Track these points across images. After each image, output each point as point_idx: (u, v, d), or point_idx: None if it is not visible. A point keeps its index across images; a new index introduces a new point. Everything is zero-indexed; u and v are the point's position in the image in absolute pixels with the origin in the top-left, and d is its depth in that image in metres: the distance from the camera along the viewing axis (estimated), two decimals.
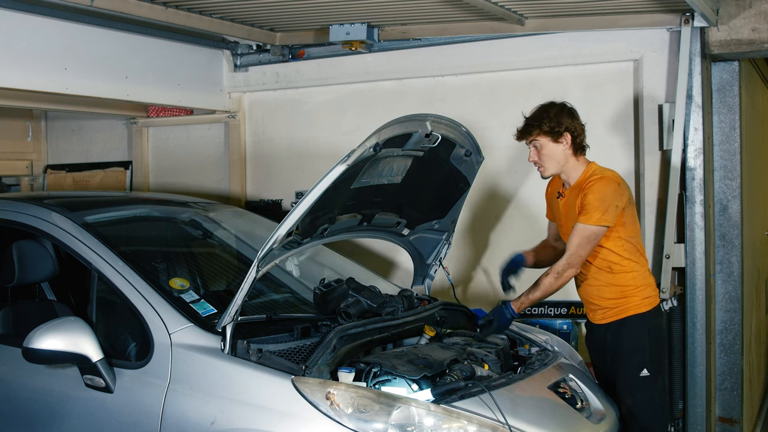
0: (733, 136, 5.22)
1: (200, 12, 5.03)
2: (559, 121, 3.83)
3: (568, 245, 3.78)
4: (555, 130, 3.82)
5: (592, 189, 3.75)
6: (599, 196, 3.72)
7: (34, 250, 3.90)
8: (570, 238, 3.78)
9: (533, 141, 3.86)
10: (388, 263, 5.58)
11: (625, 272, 3.83)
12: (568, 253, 3.76)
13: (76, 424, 3.33)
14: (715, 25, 4.78)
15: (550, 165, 3.87)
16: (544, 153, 3.85)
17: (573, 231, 3.77)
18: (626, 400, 3.82)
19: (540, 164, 3.89)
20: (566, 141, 3.84)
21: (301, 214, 3.14)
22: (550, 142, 3.83)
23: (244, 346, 3.14)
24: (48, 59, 4.82)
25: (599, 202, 3.71)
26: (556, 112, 3.86)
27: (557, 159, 3.86)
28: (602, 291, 3.88)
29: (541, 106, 3.91)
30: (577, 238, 3.74)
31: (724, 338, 5.23)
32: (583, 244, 3.74)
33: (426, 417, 2.94)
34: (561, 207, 3.97)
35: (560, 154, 3.85)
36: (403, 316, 3.71)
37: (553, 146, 3.84)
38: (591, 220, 3.71)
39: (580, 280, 3.98)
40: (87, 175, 6.75)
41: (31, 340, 3.19)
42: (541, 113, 3.87)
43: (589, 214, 3.71)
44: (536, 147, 3.86)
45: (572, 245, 3.76)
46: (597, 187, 3.75)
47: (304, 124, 5.93)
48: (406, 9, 4.92)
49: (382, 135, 3.27)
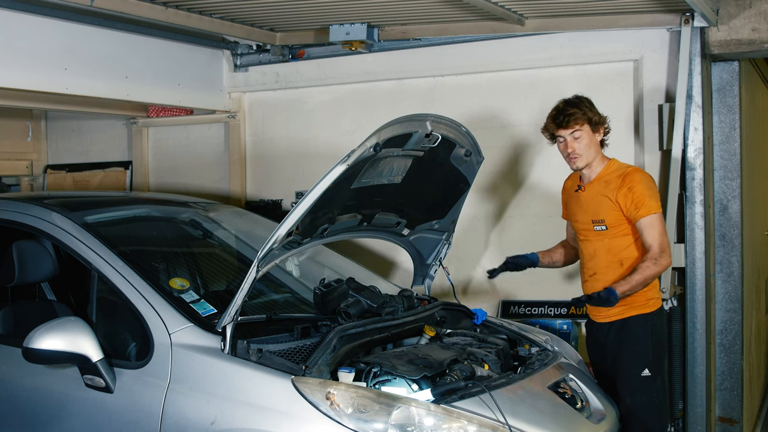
0: (733, 136, 5.23)
1: (200, 12, 5.03)
2: (596, 112, 3.88)
3: (648, 239, 3.75)
4: (596, 120, 3.85)
5: (635, 180, 3.79)
6: (645, 185, 3.79)
7: (34, 250, 3.89)
8: (647, 234, 3.75)
9: (576, 130, 3.83)
10: (388, 263, 5.58)
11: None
12: (657, 242, 3.73)
13: (76, 424, 3.33)
14: (715, 25, 4.78)
15: (587, 155, 3.87)
16: (585, 143, 3.85)
17: (643, 227, 3.76)
18: (626, 399, 3.82)
19: (577, 154, 3.86)
20: (602, 132, 3.89)
21: (301, 214, 3.14)
22: (590, 131, 3.85)
23: (244, 346, 3.14)
24: (48, 59, 4.82)
25: (649, 191, 3.78)
26: (590, 103, 3.89)
27: (594, 150, 3.88)
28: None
29: (572, 97, 3.91)
30: (654, 229, 3.75)
31: (724, 338, 5.23)
32: (662, 232, 3.76)
33: (426, 417, 2.93)
34: (580, 199, 3.97)
35: (595, 146, 3.89)
36: (403, 316, 3.71)
37: (592, 137, 3.86)
38: (652, 209, 3.75)
39: (587, 275, 3.99)
40: (87, 175, 6.75)
41: (31, 340, 3.19)
42: (579, 103, 3.86)
43: (648, 205, 3.75)
44: (576, 137, 3.84)
45: (654, 235, 3.74)
46: (639, 178, 3.80)
47: (304, 124, 5.94)
48: (406, 9, 4.92)
49: (382, 135, 3.27)
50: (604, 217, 3.88)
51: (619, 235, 3.86)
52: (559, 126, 3.86)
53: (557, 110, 3.90)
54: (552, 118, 3.91)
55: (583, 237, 4.01)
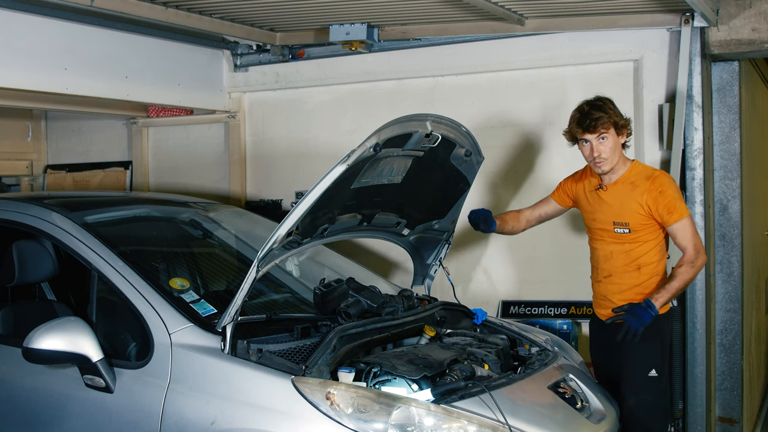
0: (733, 136, 5.22)
1: (200, 12, 5.03)
2: (620, 114, 3.84)
3: (682, 242, 3.77)
4: (621, 123, 3.82)
5: (665, 185, 3.78)
6: (675, 189, 3.80)
7: (34, 250, 3.89)
8: (681, 237, 3.77)
9: (602, 134, 3.77)
10: (388, 263, 5.58)
11: (651, 274, 3.85)
12: (692, 244, 3.75)
13: (76, 424, 3.33)
14: (715, 25, 4.78)
15: (612, 158, 3.81)
16: (610, 146, 3.79)
17: (676, 231, 3.77)
18: (630, 399, 3.81)
19: (603, 158, 3.79)
20: (625, 135, 3.86)
21: (301, 214, 3.14)
22: (615, 134, 3.80)
23: (244, 346, 3.14)
24: (48, 59, 4.82)
25: (678, 194, 3.80)
26: (613, 104, 3.85)
27: (618, 152, 3.84)
28: (623, 290, 3.88)
29: (595, 99, 3.85)
30: (687, 231, 3.76)
31: (724, 338, 5.23)
32: (694, 234, 3.78)
33: (426, 417, 2.93)
34: (602, 199, 3.91)
35: (619, 148, 3.85)
36: (403, 316, 3.71)
37: (617, 139, 3.82)
38: (684, 212, 3.76)
39: (601, 275, 3.96)
40: (87, 175, 6.75)
41: (31, 340, 3.19)
42: (604, 105, 3.81)
43: (680, 209, 3.76)
44: (603, 140, 3.77)
45: (687, 238, 3.76)
46: (669, 182, 3.81)
47: (304, 124, 5.93)
48: (406, 9, 4.92)
49: (382, 135, 3.27)
50: (628, 220, 3.82)
51: (640, 239, 3.82)
52: (586, 130, 3.77)
53: (582, 113, 3.80)
54: (577, 121, 3.81)
55: (599, 237, 3.96)
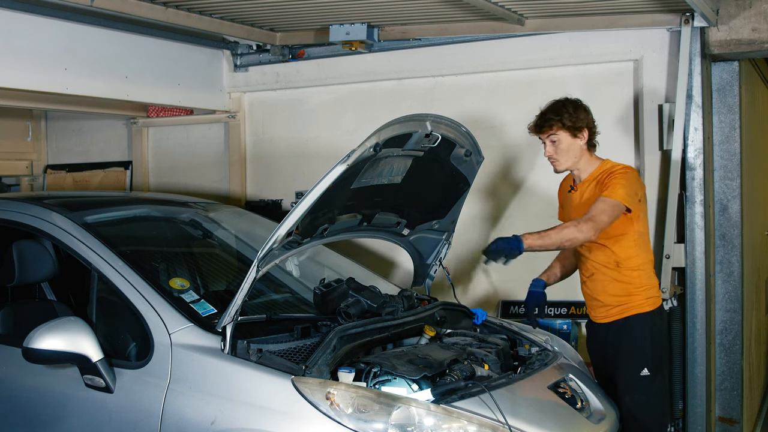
0: (733, 136, 5.22)
1: (200, 12, 5.03)
2: (578, 117, 3.85)
3: (589, 211, 3.70)
4: (575, 125, 3.84)
5: (617, 174, 3.78)
6: (624, 179, 3.76)
7: (34, 250, 3.90)
8: (593, 206, 3.70)
9: (551, 135, 3.85)
10: (388, 263, 5.58)
11: (631, 269, 3.84)
12: (590, 214, 3.66)
13: (76, 424, 3.33)
14: (715, 25, 4.78)
15: (565, 160, 3.88)
16: (562, 148, 3.85)
17: (596, 202, 3.70)
18: (626, 399, 3.82)
19: (555, 159, 3.88)
20: (584, 137, 3.87)
21: (301, 214, 3.14)
22: (568, 137, 3.84)
23: (244, 346, 3.14)
24: (48, 59, 4.82)
25: (625, 181, 3.74)
26: (575, 107, 3.87)
27: (574, 154, 3.87)
28: (607, 287, 3.88)
29: (558, 101, 3.91)
30: (600, 206, 3.68)
31: (724, 338, 5.23)
32: (606, 210, 3.66)
33: (426, 417, 2.93)
34: (573, 200, 3.97)
35: (577, 150, 3.87)
36: (403, 316, 3.71)
37: (571, 141, 3.85)
38: (615, 195, 3.69)
39: (585, 275, 3.99)
40: (87, 175, 6.74)
41: (31, 340, 3.19)
42: (560, 108, 3.86)
43: (614, 190, 3.70)
44: (554, 141, 3.85)
45: (595, 210, 3.67)
46: (623, 173, 3.79)
47: (304, 124, 5.93)
48: (406, 9, 4.92)
49: (382, 135, 3.27)
50: None
51: (612, 234, 3.82)
52: (537, 131, 3.91)
53: (539, 114, 3.92)
54: (533, 122, 3.94)
55: None
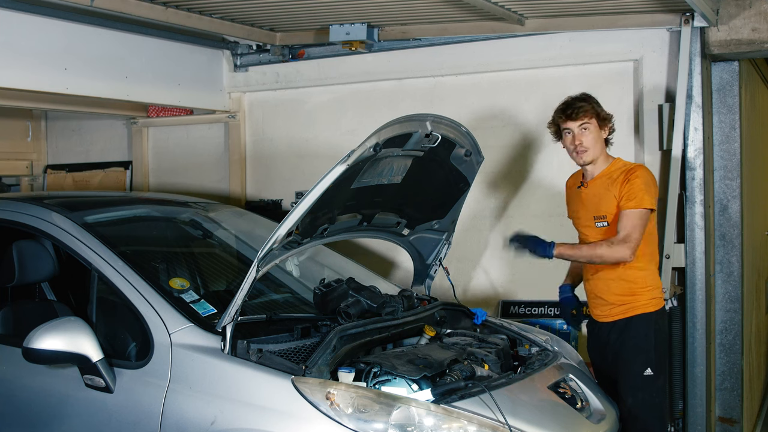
0: (733, 136, 5.22)
1: (200, 12, 5.03)
2: (603, 109, 3.91)
3: (619, 226, 3.74)
4: (603, 115, 3.89)
5: (636, 174, 3.79)
6: (644, 181, 3.77)
7: (34, 250, 3.89)
8: (624, 222, 3.73)
9: (584, 123, 3.85)
10: (388, 263, 5.58)
11: (636, 269, 3.84)
12: (624, 233, 3.70)
13: (76, 424, 3.33)
14: (715, 25, 4.78)
15: (593, 149, 3.88)
16: (593, 137, 3.87)
17: (623, 217, 3.74)
18: (627, 399, 3.82)
19: (585, 147, 3.86)
20: (607, 130, 3.92)
21: (301, 214, 3.14)
22: (597, 126, 3.87)
23: (244, 346, 3.14)
24: (48, 59, 4.82)
25: (646, 186, 3.76)
26: (596, 101, 3.92)
27: (600, 145, 3.90)
28: (611, 285, 3.88)
29: (579, 94, 3.93)
30: (631, 221, 3.72)
31: (724, 338, 5.23)
32: (637, 226, 3.72)
33: (426, 417, 2.93)
34: (582, 196, 3.97)
35: (601, 142, 3.91)
36: (403, 316, 3.71)
37: (598, 132, 3.89)
38: (643, 203, 3.73)
39: (590, 273, 3.98)
40: (87, 175, 6.75)
41: (31, 340, 3.19)
42: (588, 97, 3.90)
43: (639, 198, 3.73)
44: (585, 129, 3.85)
45: (626, 226, 3.72)
46: (641, 173, 3.81)
47: (304, 124, 5.93)
48: (406, 9, 4.92)
49: (382, 135, 3.27)
50: (605, 213, 3.87)
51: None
52: (568, 118, 3.87)
53: (566, 104, 3.91)
54: (560, 110, 3.92)
55: (584, 234, 4.00)
